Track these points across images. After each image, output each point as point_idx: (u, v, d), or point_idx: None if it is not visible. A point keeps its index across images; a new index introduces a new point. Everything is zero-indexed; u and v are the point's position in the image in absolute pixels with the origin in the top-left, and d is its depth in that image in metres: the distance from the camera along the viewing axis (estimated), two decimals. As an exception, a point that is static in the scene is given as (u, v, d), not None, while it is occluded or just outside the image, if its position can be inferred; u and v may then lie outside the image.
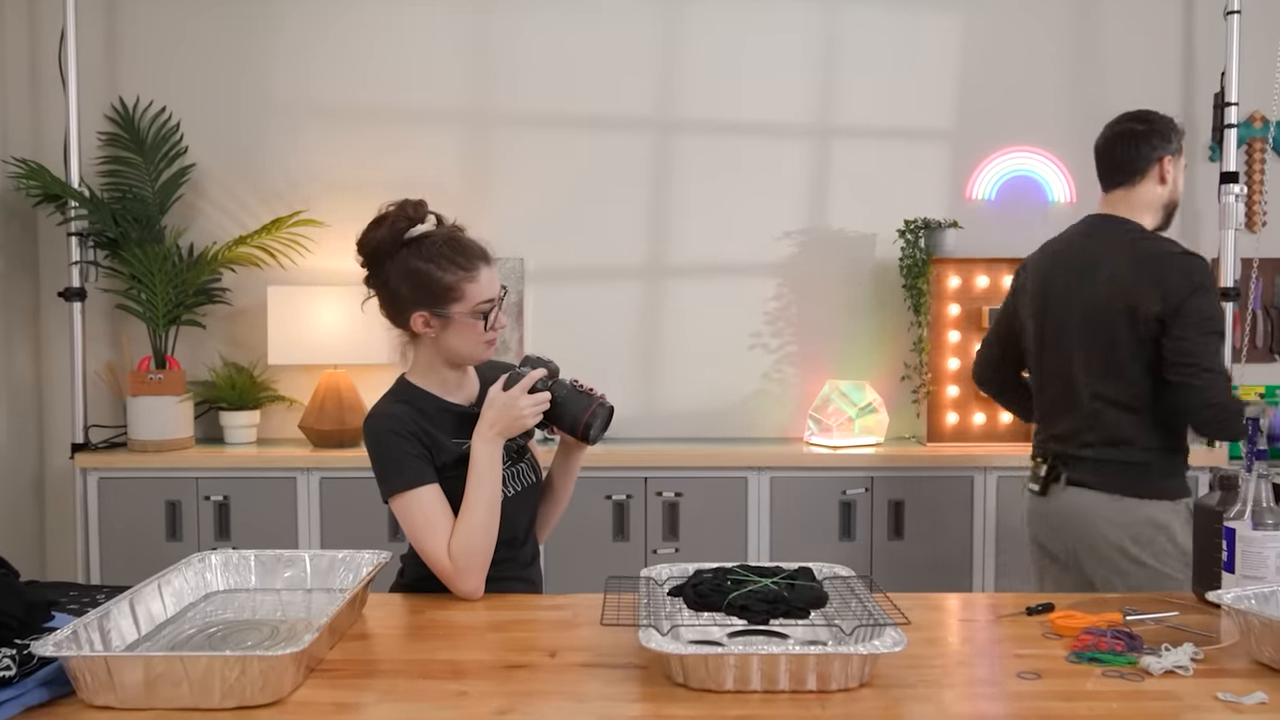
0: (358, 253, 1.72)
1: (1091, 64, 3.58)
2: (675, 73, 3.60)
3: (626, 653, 1.38)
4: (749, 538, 3.23)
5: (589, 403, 1.72)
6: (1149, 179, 2.17)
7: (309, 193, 3.57)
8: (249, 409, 3.47)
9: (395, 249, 1.69)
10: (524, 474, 1.81)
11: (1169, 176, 2.18)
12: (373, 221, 1.71)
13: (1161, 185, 2.18)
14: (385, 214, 1.70)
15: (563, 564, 3.09)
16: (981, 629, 1.51)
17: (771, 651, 1.23)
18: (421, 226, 1.71)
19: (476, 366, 1.84)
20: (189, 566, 1.61)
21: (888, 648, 1.24)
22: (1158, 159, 2.17)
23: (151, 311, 3.37)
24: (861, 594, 1.45)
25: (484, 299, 1.70)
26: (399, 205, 1.71)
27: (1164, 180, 2.18)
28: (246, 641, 1.43)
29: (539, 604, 1.67)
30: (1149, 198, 2.18)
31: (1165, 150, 2.17)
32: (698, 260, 3.62)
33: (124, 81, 3.55)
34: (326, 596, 1.62)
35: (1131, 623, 1.50)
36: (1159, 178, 2.17)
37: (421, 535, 1.66)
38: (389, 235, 1.69)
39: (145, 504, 3.23)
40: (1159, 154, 2.17)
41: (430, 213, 1.73)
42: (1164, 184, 2.18)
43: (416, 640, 1.49)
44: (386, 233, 1.69)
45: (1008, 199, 3.56)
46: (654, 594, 1.47)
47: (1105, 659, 1.34)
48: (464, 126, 3.61)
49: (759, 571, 1.54)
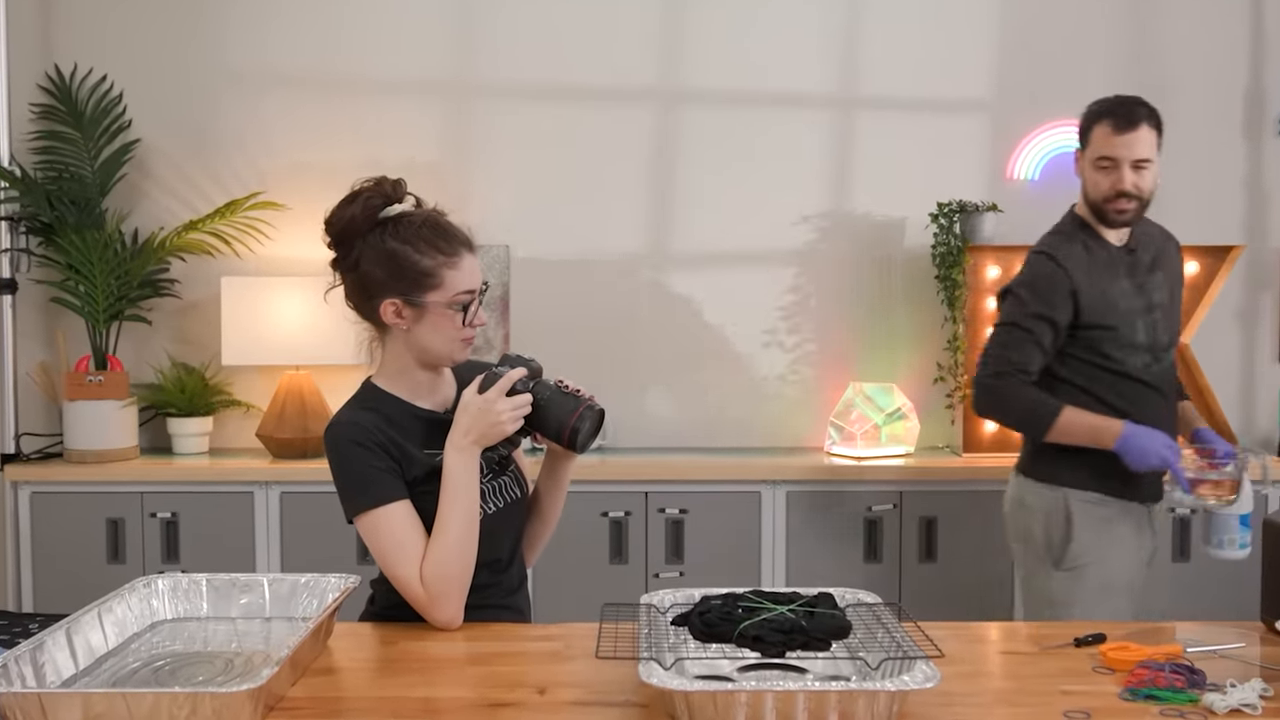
0: (325, 232, 1.72)
1: (1148, 26, 3.58)
2: (679, 38, 3.60)
3: (625, 689, 1.38)
4: (762, 560, 3.23)
5: (575, 405, 1.70)
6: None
7: (268, 173, 3.57)
8: (200, 415, 3.47)
9: (368, 228, 1.69)
10: (507, 488, 1.81)
11: (1080, 172, 2.43)
12: (345, 198, 1.71)
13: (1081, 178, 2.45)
14: (359, 190, 1.71)
15: (553, 589, 3.09)
16: (1024, 662, 1.51)
17: (788, 688, 1.22)
18: (399, 207, 1.72)
19: (454, 369, 1.83)
20: (133, 592, 1.60)
21: (918, 684, 1.23)
22: (1075, 153, 2.45)
23: (91, 305, 3.37)
24: (889, 623, 1.45)
25: (464, 289, 1.70)
26: (376, 182, 1.72)
27: (1080, 174, 2.44)
28: (198, 676, 1.43)
29: (526, 634, 1.67)
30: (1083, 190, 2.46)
31: (1081, 144, 2.43)
32: (705, 249, 3.62)
33: (59, 47, 3.55)
34: (287, 626, 1.62)
35: (1193, 655, 1.49)
36: (1078, 171, 2.45)
37: (391, 558, 1.65)
38: (362, 212, 1.69)
39: (84, 522, 3.22)
40: (1077, 148, 2.44)
41: (409, 194, 1.74)
42: (1081, 178, 2.44)
43: (388, 675, 1.48)
44: (359, 210, 1.69)
45: (1053, 179, 3.56)
46: (656, 623, 1.47)
47: (1163, 696, 1.33)
48: (443, 99, 3.61)
49: (774, 598, 1.53)
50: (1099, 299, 2.37)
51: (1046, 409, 2.36)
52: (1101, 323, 2.37)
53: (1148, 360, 2.40)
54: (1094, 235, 2.42)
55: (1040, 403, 2.37)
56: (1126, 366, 2.39)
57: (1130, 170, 2.33)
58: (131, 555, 3.22)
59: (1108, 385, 2.39)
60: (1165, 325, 2.44)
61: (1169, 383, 2.48)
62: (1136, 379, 2.40)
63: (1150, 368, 2.40)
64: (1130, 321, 2.38)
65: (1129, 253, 2.44)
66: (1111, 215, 2.38)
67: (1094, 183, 2.38)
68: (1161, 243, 2.51)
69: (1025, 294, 2.40)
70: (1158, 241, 2.50)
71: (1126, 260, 2.43)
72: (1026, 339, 2.37)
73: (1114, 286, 2.39)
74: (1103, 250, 2.41)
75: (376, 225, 1.69)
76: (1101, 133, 2.36)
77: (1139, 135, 2.33)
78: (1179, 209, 3.53)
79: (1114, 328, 2.37)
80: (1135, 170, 2.34)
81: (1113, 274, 2.39)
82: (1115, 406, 2.37)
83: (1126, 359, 2.39)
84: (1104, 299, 2.37)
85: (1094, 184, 2.38)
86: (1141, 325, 2.39)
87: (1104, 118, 2.36)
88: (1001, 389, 2.40)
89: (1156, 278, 2.44)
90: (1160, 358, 2.43)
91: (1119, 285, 2.39)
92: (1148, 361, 2.40)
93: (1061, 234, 2.45)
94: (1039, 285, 2.38)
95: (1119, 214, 2.37)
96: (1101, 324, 2.37)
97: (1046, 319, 2.36)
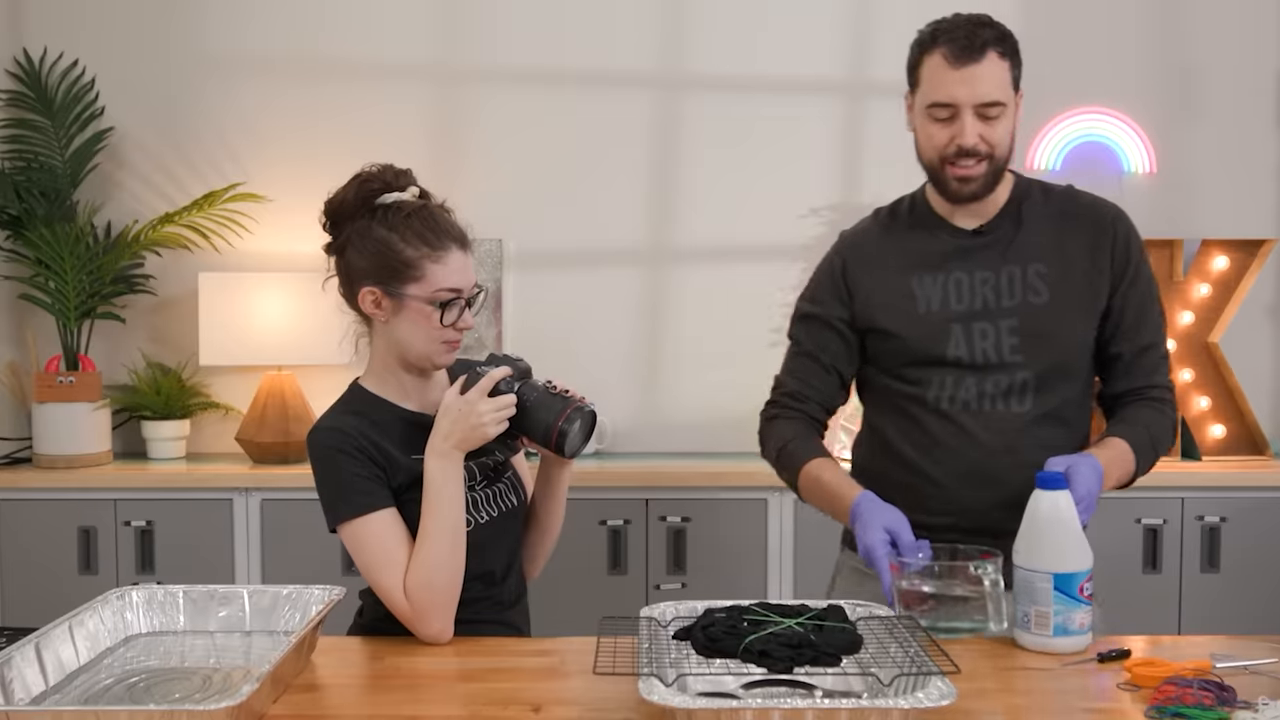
0: (323, 213, 1.77)
1: (1175, 9, 3.58)
2: (682, 20, 3.60)
3: (624, 706, 1.38)
4: (769, 570, 3.23)
5: (563, 406, 1.70)
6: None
7: (248, 163, 3.57)
8: (177, 418, 3.47)
9: (359, 211, 1.73)
10: (502, 496, 1.81)
11: (911, 125, 1.88)
12: (349, 180, 1.76)
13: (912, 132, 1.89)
14: (361, 173, 1.76)
15: (548, 602, 3.08)
16: (1045, 679, 1.51)
17: (796, 706, 1.22)
18: (398, 195, 1.74)
19: (449, 371, 1.84)
20: (106, 605, 1.61)
21: (933, 701, 1.23)
22: (906, 99, 1.90)
23: (61, 302, 3.37)
24: (902, 637, 1.45)
25: (446, 286, 1.71)
26: (381, 168, 1.76)
27: (912, 128, 1.89)
28: (174, 694, 1.43)
29: (520, 649, 1.67)
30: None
31: (910, 84, 1.88)
32: (708, 243, 3.62)
33: (28, 30, 3.55)
34: (269, 640, 1.62)
35: (1222, 670, 1.50)
36: (910, 124, 1.89)
37: (375, 569, 1.66)
38: (356, 195, 1.73)
39: (54, 530, 3.22)
40: (907, 92, 1.89)
41: (415, 184, 1.77)
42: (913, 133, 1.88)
43: (374, 691, 1.49)
44: (353, 192, 1.73)
45: (1075, 169, 3.56)
46: (657, 637, 1.47)
47: (1191, 714, 1.33)
48: (433, 84, 3.61)
49: (781, 611, 1.54)
50: (878, 292, 1.89)
51: (790, 460, 1.88)
52: (879, 327, 1.88)
53: (971, 387, 1.83)
54: (926, 213, 1.92)
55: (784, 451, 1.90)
56: (929, 395, 1.85)
57: (974, 118, 1.77)
58: (104, 565, 3.21)
59: (909, 424, 1.88)
60: (1033, 340, 1.83)
61: (1033, 429, 1.83)
62: (946, 415, 1.84)
63: (984, 401, 1.83)
64: (936, 329, 1.84)
65: (975, 235, 1.88)
66: (951, 183, 1.81)
67: (926, 137, 1.82)
68: (1055, 223, 1.88)
69: (803, 292, 2.01)
70: (1043, 221, 1.88)
71: (965, 246, 1.88)
72: (795, 353, 1.97)
73: (910, 280, 1.88)
74: (921, 231, 1.91)
75: (369, 210, 1.72)
76: (933, 67, 1.79)
77: (984, 69, 1.76)
78: (1207, 201, 3.56)
79: (899, 336, 1.87)
80: (981, 118, 1.77)
81: (927, 263, 1.88)
82: (912, 464, 1.87)
83: (927, 383, 1.85)
84: (889, 294, 1.88)
85: (926, 139, 1.82)
86: (959, 335, 1.84)
87: (935, 45, 1.79)
88: (762, 432, 1.98)
89: (1010, 272, 1.85)
90: (1007, 384, 1.83)
91: (929, 279, 1.87)
92: (974, 391, 1.83)
93: (877, 211, 2.03)
94: (814, 277, 2.00)
95: (962, 182, 1.80)
96: (878, 328, 1.89)
97: (818, 318, 1.93)
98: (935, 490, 1.84)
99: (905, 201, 1.99)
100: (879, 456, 1.93)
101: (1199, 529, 3.21)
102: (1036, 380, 1.84)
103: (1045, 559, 1.58)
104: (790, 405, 1.95)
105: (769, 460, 1.97)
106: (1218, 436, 3.36)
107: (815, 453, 1.87)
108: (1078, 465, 1.65)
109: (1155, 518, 3.18)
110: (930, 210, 1.93)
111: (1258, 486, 3.19)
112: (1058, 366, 1.85)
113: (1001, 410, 1.83)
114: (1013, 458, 1.81)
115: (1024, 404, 1.84)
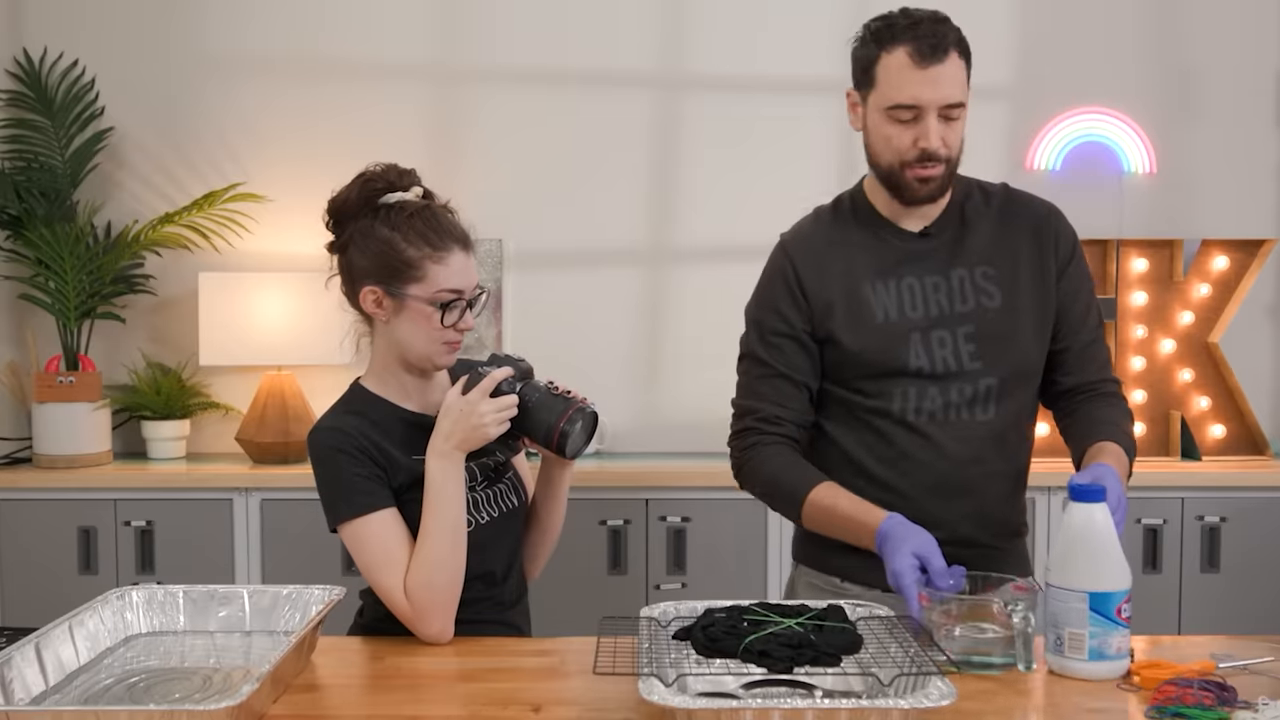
0: (326, 212, 1.77)
1: (1175, 9, 3.58)
2: (682, 20, 3.60)
3: (624, 706, 1.38)
4: (769, 570, 3.23)
5: (565, 407, 1.70)
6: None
7: (248, 162, 3.57)
8: (177, 418, 3.47)
9: (361, 210, 1.73)
10: (503, 496, 1.82)
11: (860, 124, 1.82)
12: (352, 180, 1.76)
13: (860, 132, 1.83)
14: (365, 172, 1.76)
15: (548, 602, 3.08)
16: (1046, 679, 1.51)
17: (796, 706, 1.23)
18: (401, 195, 1.74)
19: (450, 372, 1.84)
20: (106, 605, 1.61)
21: (933, 701, 1.24)
22: (849, 98, 1.84)
23: (61, 302, 3.37)
24: (902, 637, 1.45)
25: (448, 286, 1.71)
26: (385, 167, 1.76)
27: (861, 127, 1.83)
28: (174, 694, 1.43)
29: (520, 649, 1.67)
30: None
31: (859, 84, 1.81)
32: (708, 243, 3.62)
33: (28, 30, 3.55)
34: (269, 640, 1.63)
35: (1224, 670, 1.50)
36: (855, 123, 1.83)
37: (375, 569, 1.67)
38: (358, 194, 1.73)
39: (54, 530, 3.22)
40: (851, 90, 1.83)
41: (418, 184, 1.77)
42: (863, 133, 1.82)
43: (375, 691, 1.49)
44: (356, 191, 1.74)
45: (1075, 169, 3.56)
46: (656, 637, 1.47)
47: (1191, 714, 1.33)
48: (432, 84, 3.60)
49: (781, 611, 1.54)
50: (835, 301, 1.82)
51: (789, 490, 1.80)
52: (837, 338, 1.81)
53: (936, 397, 1.78)
54: (870, 214, 1.86)
55: (778, 483, 1.82)
56: (894, 407, 1.80)
57: (937, 120, 1.72)
58: (104, 566, 3.21)
59: (874, 437, 1.82)
60: (990, 344, 1.79)
61: (998, 437, 1.82)
62: (912, 427, 1.79)
63: (949, 410, 1.79)
64: (895, 340, 1.79)
65: (922, 238, 1.84)
66: (912, 186, 1.76)
67: (884, 140, 1.76)
68: (997, 223, 1.85)
69: (752, 305, 1.90)
70: (985, 222, 1.85)
71: (914, 250, 1.83)
72: (761, 373, 1.85)
73: (863, 286, 1.81)
74: (867, 233, 1.85)
75: (372, 210, 1.72)
76: (895, 67, 1.71)
77: (948, 69, 1.70)
78: (1207, 201, 3.56)
79: (856, 349, 1.80)
80: (944, 119, 1.73)
81: (879, 268, 1.82)
82: (877, 478, 1.81)
83: (889, 395, 1.79)
84: (844, 300, 1.82)
85: (884, 142, 1.76)
86: (918, 344, 1.78)
87: (896, 44, 1.71)
88: (742, 463, 1.87)
89: (959, 275, 1.81)
90: (971, 393, 1.79)
91: (882, 286, 1.81)
92: (939, 401, 1.78)
93: (818, 210, 1.95)
94: (763, 287, 1.90)
95: (923, 184, 1.75)
96: (835, 339, 1.81)
97: (782, 334, 1.84)
98: (903, 503, 1.75)
99: (845, 200, 1.93)
100: (839, 470, 1.83)
101: (1199, 529, 3.21)
102: (999, 386, 1.80)
103: (1080, 577, 1.47)
104: (768, 431, 1.84)
105: (753, 492, 1.90)
106: (1218, 436, 3.36)
107: (815, 479, 1.78)
108: (1104, 475, 1.59)
109: (1155, 518, 3.18)
110: (874, 211, 1.87)
111: (1258, 486, 3.19)
112: (1017, 371, 1.83)
113: (967, 419, 1.80)
114: (980, 467, 1.80)
115: (988, 412, 1.81)
